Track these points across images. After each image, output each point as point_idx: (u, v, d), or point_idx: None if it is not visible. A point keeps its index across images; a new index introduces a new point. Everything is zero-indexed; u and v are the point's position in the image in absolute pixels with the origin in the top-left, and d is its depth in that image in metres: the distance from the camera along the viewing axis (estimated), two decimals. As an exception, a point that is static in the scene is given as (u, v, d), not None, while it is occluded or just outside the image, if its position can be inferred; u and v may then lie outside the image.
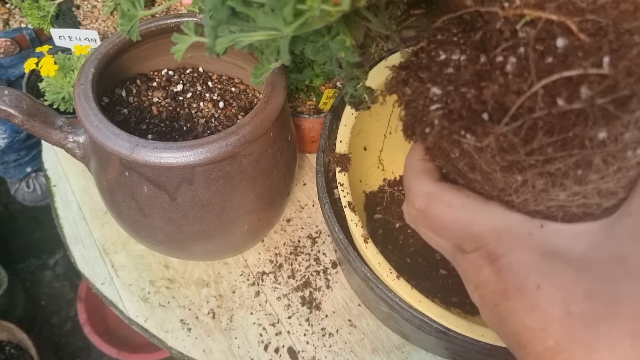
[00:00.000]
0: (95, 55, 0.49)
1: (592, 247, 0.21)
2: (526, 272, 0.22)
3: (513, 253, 0.22)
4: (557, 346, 0.21)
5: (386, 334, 0.59)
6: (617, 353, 0.20)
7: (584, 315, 0.20)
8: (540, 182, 0.21)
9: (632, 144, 0.19)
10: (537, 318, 0.21)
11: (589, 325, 0.20)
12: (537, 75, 0.19)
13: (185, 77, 0.60)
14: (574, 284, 0.21)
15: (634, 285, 0.19)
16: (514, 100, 0.20)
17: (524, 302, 0.22)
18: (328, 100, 0.66)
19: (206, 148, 0.42)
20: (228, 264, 0.65)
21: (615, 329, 0.20)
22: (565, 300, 0.21)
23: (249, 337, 0.59)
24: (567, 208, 0.21)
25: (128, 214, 0.49)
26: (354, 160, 0.49)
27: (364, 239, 0.44)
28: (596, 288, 0.20)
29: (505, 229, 0.23)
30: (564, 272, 0.21)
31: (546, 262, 0.21)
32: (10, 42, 0.93)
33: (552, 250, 0.21)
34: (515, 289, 0.22)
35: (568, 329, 0.21)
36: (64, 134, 0.49)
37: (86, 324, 1.10)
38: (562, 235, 0.21)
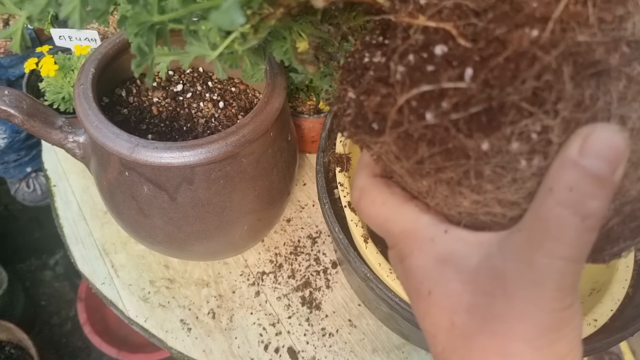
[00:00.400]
0: (95, 55, 0.49)
1: (485, 259, 0.21)
2: (421, 277, 0.22)
3: (413, 256, 0.23)
4: (443, 354, 0.22)
5: (386, 334, 0.59)
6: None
7: (464, 328, 0.21)
8: (440, 189, 0.21)
9: (522, 155, 0.18)
10: (429, 323, 0.22)
11: (466, 338, 0.21)
12: (408, 86, 0.19)
13: (185, 77, 0.60)
14: (460, 295, 0.21)
15: (507, 303, 0.19)
16: (389, 112, 0.20)
17: (421, 307, 0.23)
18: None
19: (206, 148, 0.42)
20: (228, 264, 0.65)
21: (487, 345, 0.20)
22: (451, 310, 0.21)
23: (249, 337, 0.59)
24: (475, 215, 0.21)
25: (128, 214, 0.49)
26: (354, 160, 0.49)
27: (364, 239, 0.44)
28: (477, 302, 0.20)
29: (412, 231, 0.23)
30: (453, 281, 0.21)
31: (439, 270, 0.22)
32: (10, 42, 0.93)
33: (448, 258, 0.22)
34: (414, 292, 0.23)
35: (450, 339, 0.21)
36: (64, 134, 0.49)
37: (86, 324, 1.10)
38: (463, 243, 0.21)
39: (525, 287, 0.19)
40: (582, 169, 0.17)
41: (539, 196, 0.19)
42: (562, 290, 0.19)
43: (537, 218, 0.19)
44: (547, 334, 0.19)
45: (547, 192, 0.18)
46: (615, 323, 0.43)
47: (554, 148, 0.18)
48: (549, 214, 0.18)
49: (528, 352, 0.19)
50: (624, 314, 0.44)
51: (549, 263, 0.18)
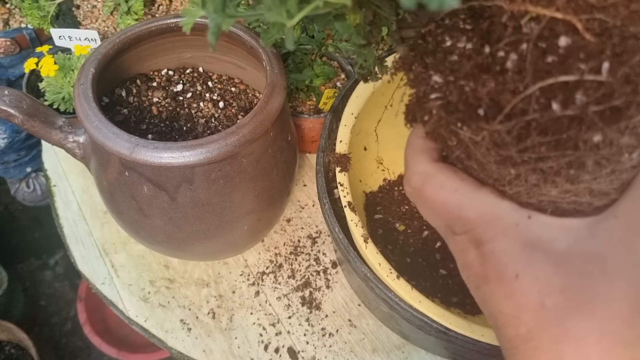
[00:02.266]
0: (95, 55, 0.49)
1: (575, 243, 0.21)
2: (507, 260, 0.22)
3: (497, 241, 0.23)
4: (528, 334, 0.22)
5: (386, 334, 0.59)
6: (582, 347, 0.20)
7: (556, 309, 0.21)
8: (532, 177, 0.21)
9: (628, 148, 0.19)
10: (512, 305, 0.22)
11: (560, 318, 0.21)
12: (534, 76, 0.19)
13: (185, 77, 0.60)
14: (551, 277, 0.21)
15: (607, 285, 0.20)
16: (509, 100, 0.19)
17: (502, 289, 0.23)
18: (328, 100, 0.66)
19: (206, 148, 0.42)
20: (228, 264, 0.65)
21: (584, 325, 0.20)
22: (541, 292, 0.21)
23: (249, 337, 0.59)
24: (558, 203, 0.21)
25: (128, 214, 0.49)
26: (354, 160, 0.49)
27: (364, 239, 0.44)
28: (572, 284, 0.21)
29: (492, 216, 0.23)
30: (543, 264, 0.21)
31: (527, 253, 0.22)
32: (10, 42, 0.93)
33: (535, 242, 0.22)
34: (495, 276, 0.23)
35: (540, 320, 0.21)
36: (64, 134, 0.49)
37: (86, 324, 1.10)
38: (548, 228, 0.22)
39: (628, 269, 0.20)
40: None
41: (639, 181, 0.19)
42: None
43: (636, 203, 0.19)
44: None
45: None
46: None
47: None
48: None
49: (624, 330, 0.20)
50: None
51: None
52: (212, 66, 0.60)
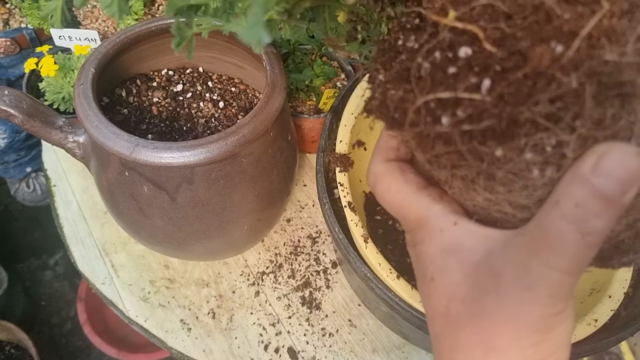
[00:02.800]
0: (95, 55, 0.49)
1: (487, 255, 0.21)
2: (427, 263, 0.24)
3: (423, 243, 0.24)
4: (436, 337, 0.23)
5: (386, 334, 0.59)
6: (469, 358, 0.21)
7: (457, 317, 0.22)
8: (456, 182, 0.21)
9: (537, 165, 0.18)
10: (429, 306, 0.24)
11: (457, 327, 0.22)
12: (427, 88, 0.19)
13: (185, 77, 0.60)
14: (458, 285, 0.22)
15: (497, 302, 0.20)
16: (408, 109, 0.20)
17: (424, 289, 0.24)
18: (328, 100, 0.66)
19: (206, 148, 0.42)
20: (228, 264, 0.65)
21: (473, 337, 0.21)
22: (449, 298, 0.22)
23: (249, 337, 0.59)
24: (488, 210, 0.22)
25: (128, 214, 0.49)
26: (354, 160, 0.49)
27: (364, 239, 0.44)
28: (471, 295, 0.21)
29: (424, 219, 0.24)
30: (455, 271, 0.22)
31: (444, 259, 0.23)
32: (10, 42, 0.93)
33: (454, 249, 0.22)
34: (420, 276, 0.24)
35: (444, 325, 0.23)
36: (64, 134, 0.49)
37: (86, 324, 1.10)
38: (471, 236, 0.22)
39: (517, 290, 0.19)
40: (591, 187, 0.17)
41: (546, 206, 0.19)
42: (553, 298, 0.19)
43: (540, 227, 0.19)
44: (532, 336, 0.20)
45: (553, 204, 0.18)
46: (615, 323, 0.43)
47: (568, 162, 0.18)
48: (551, 225, 0.18)
49: (511, 349, 0.20)
50: (624, 314, 0.44)
51: (543, 272, 0.19)
52: (212, 66, 0.60)
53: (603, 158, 0.17)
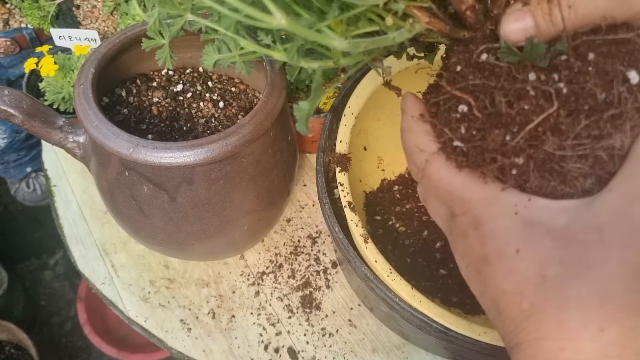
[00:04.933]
0: (95, 55, 0.49)
1: (573, 219, 0.22)
2: (507, 237, 0.23)
3: (497, 220, 0.24)
4: (531, 308, 0.22)
5: (386, 334, 0.59)
6: (584, 312, 0.21)
7: (557, 279, 0.21)
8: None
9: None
10: (514, 281, 0.23)
11: (561, 287, 0.21)
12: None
13: (185, 77, 0.60)
14: (550, 250, 0.22)
15: (605, 251, 0.20)
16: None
17: (503, 266, 0.23)
18: (328, 100, 0.66)
19: (206, 148, 0.42)
20: (228, 264, 0.65)
21: (585, 290, 0.21)
22: (542, 264, 0.22)
23: (249, 337, 0.59)
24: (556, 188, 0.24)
25: (128, 214, 0.49)
26: (354, 160, 0.49)
27: (364, 239, 0.44)
28: (571, 254, 0.21)
29: (494, 197, 0.24)
30: (543, 239, 0.22)
31: (527, 230, 0.23)
32: (10, 42, 0.93)
33: (535, 221, 0.23)
34: (496, 254, 0.23)
35: (542, 292, 0.22)
36: (64, 134, 0.49)
37: (86, 324, 1.10)
38: (547, 210, 0.23)
39: (623, 235, 0.20)
40: None
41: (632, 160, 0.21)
42: None
43: (630, 177, 0.21)
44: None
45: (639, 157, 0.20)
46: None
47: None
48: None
49: (623, 293, 0.20)
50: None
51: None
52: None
53: None
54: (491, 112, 0.25)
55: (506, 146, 0.24)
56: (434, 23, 0.26)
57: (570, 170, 0.23)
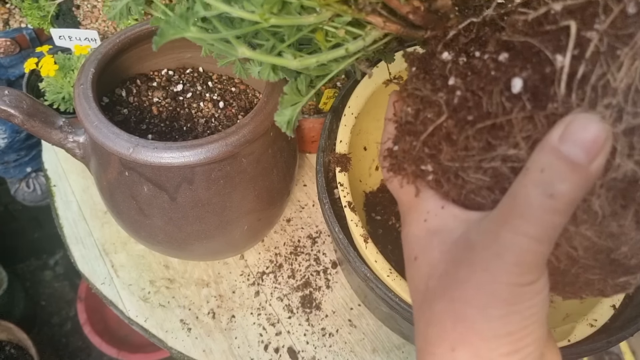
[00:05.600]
0: (95, 55, 0.49)
1: (464, 233, 0.22)
2: (413, 244, 0.24)
3: (411, 225, 0.25)
4: (416, 316, 0.24)
5: (386, 334, 0.59)
6: (440, 331, 0.21)
7: (432, 292, 0.22)
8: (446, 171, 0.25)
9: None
10: (412, 288, 0.24)
11: (432, 302, 0.22)
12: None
13: (185, 77, 0.60)
14: (437, 262, 0.22)
15: (469, 273, 0.20)
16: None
17: (408, 271, 0.25)
18: (328, 100, 0.66)
19: (206, 148, 0.42)
20: (228, 264, 0.65)
21: (444, 309, 0.21)
22: (428, 275, 0.23)
23: (249, 337, 0.59)
24: (475, 197, 0.23)
25: (128, 214, 0.49)
26: (354, 160, 0.49)
27: (364, 239, 0.44)
28: (447, 269, 0.22)
29: (414, 203, 0.25)
30: (435, 250, 0.23)
31: (427, 239, 0.24)
32: (10, 42, 0.93)
33: (438, 230, 0.23)
34: (406, 258, 0.25)
35: (422, 302, 0.23)
36: (64, 134, 0.49)
37: (86, 324, 1.10)
38: (454, 219, 0.23)
39: (487, 258, 0.20)
40: (557, 153, 0.18)
41: (517, 178, 0.20)
42: (521, 266, 0.19)
43: (510, 195, 0.20)
44: (499, 306, 0.20)
45: (523, 173, 0.19)
46: (615, 323, 0.43)
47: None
48: (519, 191, 0.19)
49: (479, 319, 0.20)
50: (624, 314, 0.44)
51: (511, 238, 0.19)
52: (212, 66, 0.60)
53: (569, 126, 0.18)
54: (410, 120, 0.25)
55: (411, 153, 0.25)
56: (390, 27, 0.26)
57: (472, 181, 0.22)
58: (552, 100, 0.20)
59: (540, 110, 0.20)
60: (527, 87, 0.20)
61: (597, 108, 0.19)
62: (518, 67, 0.21)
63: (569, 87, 0.19)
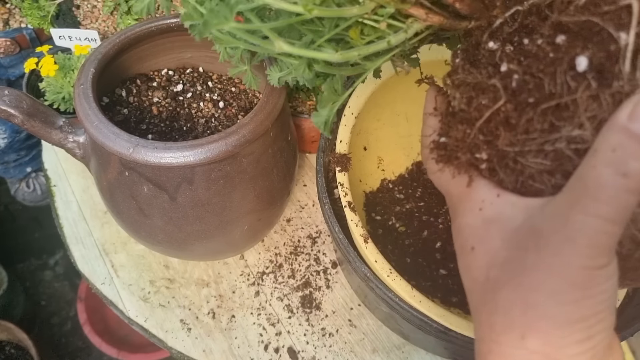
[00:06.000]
0: (95, 55, 0.49)
1: (526, 219, 0.21)
2: (468, 234, 0.24)
3: (465, 215, 0.24)
4: (475, 307, 0.23)
5: (386, 334, 0.59)
6: (508, 317, 0.21)
7: (495, 281, 0.21)
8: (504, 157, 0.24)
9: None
10: (469, 278, 0.23)
11: (495, 290, 0.21)
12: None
13: (185, 77, 0.60)
14: (498, 251, 0.22)
15: (537, 257, 0.20)
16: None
17: (463, 262, 0.24)
18: (328, 100, 0.66)
19: (206, 148, 0.42)
20: (228, 264, 0.65)
21: (512, 296, 0.21)
22: (489, 264, 0.22)
23: (249, 337, 0.59)
24: (528, 183, 0.23)
25: (128, 214, 0.49)
26: (354, 160, 0.49)
27: (364, 239, 0.44)
28: (511, 257, 0.21)
29: (466, 193, 0.25)
30: (494, 239, 0.22)
31: (485, 228, 0.23)
32: (10, 42, 0.93)
33: (495, 218, 0.23)
34: (460, 249, 0.24)
35: (483, 293, 0.22)
36: (64, 134, 0.49)
37: (86, 324, 1.10)
38: (512, 206, 0.22)
39: (557, 242, 0.19)
40: (627, 132, 0.18)
41: (585, 158, 0.19)
42: (594, 249, 0.19)
43: (579, 177, 0.19)
44: (572, 291, 0.19)
45: (592, 153, 0.19)
46: (615, 323, 0.43)
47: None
48: (590, 172, 0.18)
49: (549, 305, 0.19)
50: (624, 314, 0.44)
51: (583, 220, 0.18)
52: (212, 66, 0.60)
53: (638, 104, 0.18)
54: (463, 107, 0.25)
55: (465, 142, 0.24)
56: (432, 18, 0.26)
57: (531, 166, 0.22)
58: (617, 79, 0.20)
59: (606, 88, 0.20)
60: (592, 65, 0.20)
61: None
62: (580, 47, 0.21)
63: (633, 64, 0.19)
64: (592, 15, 0.21)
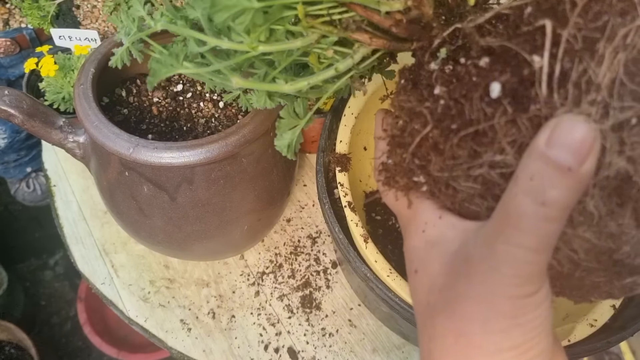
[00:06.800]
0: (95, 55, 0.49)
1: (462, 244, 0.21)
2: (413, 257, 0.24)
3: (411, 238, 0.24)
4: (419, 331, 0.23)
5: (386, 334, 0.59)
6: (444, 347, 0.21)
7: (433, 307, 0.22)
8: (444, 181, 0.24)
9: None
10: (415, 301, 0.24)
11: (433, 316, 0.22)
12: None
13: (185, 76, 0.60)
14: (437, 276, 0.22)
15: (467, 286, 0.20)
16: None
17: (410, 285, 0.24)
18: (328, 100, 0.66)
19: (206, 148, 0.42)
20: (228, 264, 0.65)
21: (446, 324, 0.21)
22: (429, 289, 0.22)
23: (249, 337, 0.59)
24: (466, 205, 0.23)
25: (128, 214, 0.49)
26: (354, 160, 0.49)
27: (364, 239, 0.44)
28: (446, 283, 0.21)
29: (412, 214, 0.25)
30: (434, 263, 0.22)
31: (426, 251, 0.23)
32: (10, 42, 0.93)
33: (437, 241, 0.23)
34: (408, 271, 0.25)
35: (424, 318, 0.22)
36: (64, 134, 0.49)
37: (86, 324, 1.10)
38: (452, 229, 0.23)
39: (484, 271, 0.19)
40: (545, 158, 0.17)
41: (508, 186, 0.19)
42: (520, 278, 0.19)
43: (502, 205, 0.19)
44: (500, 319, 0.19)
45: (513, 181, 0.18)
46: (615, 323, 0.43)
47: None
48: (511, 201, 0.18)
49: (479, 334, 0.19)
50: (624, 314, 0.44)
51: (506, 250, 0.18)
52: (212, 66, 0.60)
53: (554, 129, 0.17)
54: (398, 132, 0.25)
55: (402, 166, 0.24)
56: (376, 42, 0.26)
57: (463, 190, 0.22)
58: (534, 102, 0.19)
59: (522, 113, 0.19)
60: (505, 90, 0.20)
61: (582, 106, 0.18)
62: (498, 72, 0.20)
63: (549, 87, 0.19)
64: (508, 39, 0.20)
